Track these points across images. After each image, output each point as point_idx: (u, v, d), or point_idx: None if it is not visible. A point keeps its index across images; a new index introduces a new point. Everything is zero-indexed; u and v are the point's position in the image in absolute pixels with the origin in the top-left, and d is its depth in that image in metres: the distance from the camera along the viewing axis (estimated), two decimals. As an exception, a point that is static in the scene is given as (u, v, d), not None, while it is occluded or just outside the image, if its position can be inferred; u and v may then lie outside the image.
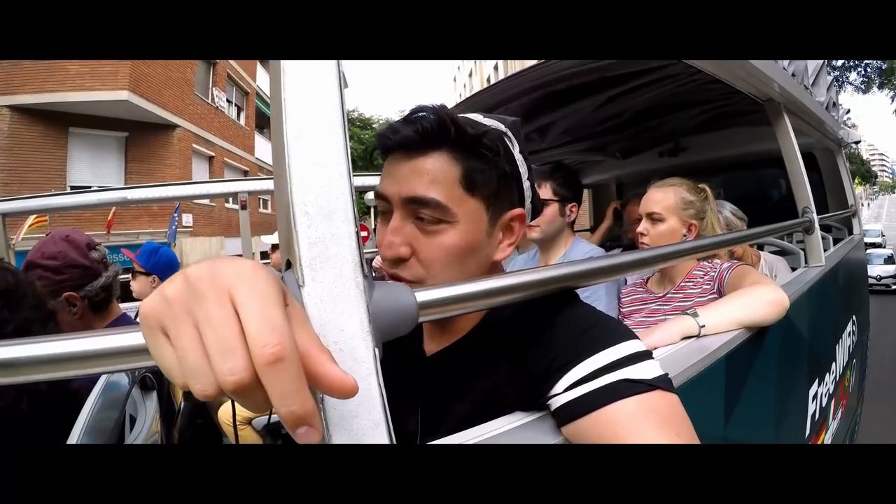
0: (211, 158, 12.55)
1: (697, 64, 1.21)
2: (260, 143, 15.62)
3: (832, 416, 1.56)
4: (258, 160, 15.25)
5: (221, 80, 13.49)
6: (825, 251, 1.62)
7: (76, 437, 0.76)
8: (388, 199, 0.59)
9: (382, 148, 0.62)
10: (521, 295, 0.53)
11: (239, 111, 14.97)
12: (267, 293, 0.28)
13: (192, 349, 0.27)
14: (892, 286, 15.82)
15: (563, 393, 0.49)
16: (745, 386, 0.90)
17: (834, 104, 2.61)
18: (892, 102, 13.58)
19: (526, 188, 0.65)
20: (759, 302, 0.96)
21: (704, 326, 0.88)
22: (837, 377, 1.63)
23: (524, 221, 0.64)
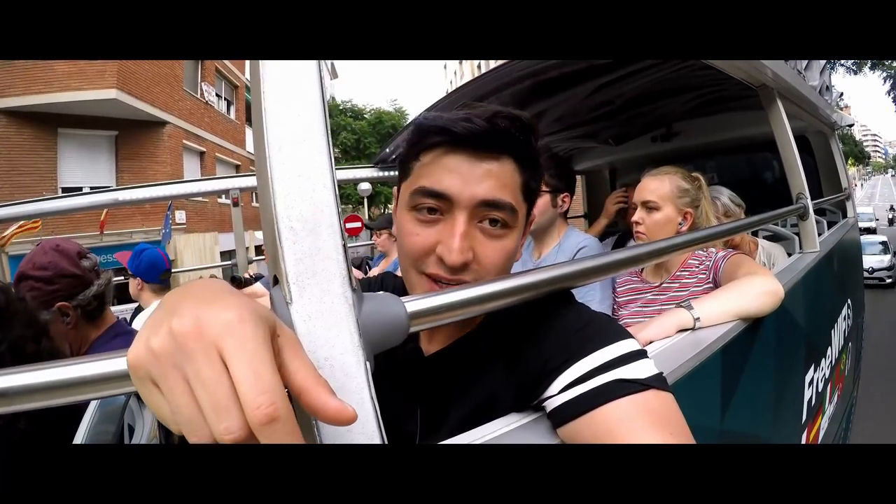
0: (202, 154, 12.43)
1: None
2: (251, 136, 15.33)
3: (828, 400, 1.58)
4: (249, 154, 15.05)
5: (210, 74, 13.32)
6: (819, 235, 1.62)
7: None
8: (451, 198, 0.55)
9: (446, 136, 0.56)
10: (513, 300, 0.52)
11: (229, 105, 14.80)
12: (255, 347, 0.28)
13: (184, 405, 0.27)
14: (886, 279, 12.77)
15: (558, 394, 0.49)
16: (741, 377, 0.90)
17: (827, 87, 2.61)
18: (884, 83, 13.56)
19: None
20: (754, 293, 0.96)
21: (699, 319, 0.88)
22: (833, 361, 1.64)
23: (533, 219, 0.65)
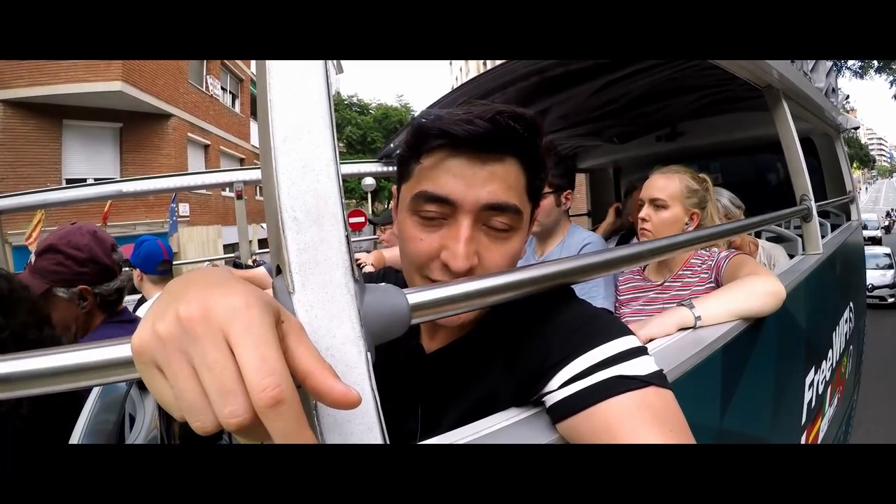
0: (206, 147, 12.45)
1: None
2: (255, 130, 15.36)
3: (828, 402, 1.57)
4: (254, 147, 15.08)
5: (215, 68, 13.32)
6: (823, 237, 1.61)
7: (76, 439, 0.76)
8: (454, 203, 0.54)
9: (446, 139, 0.54)
10: (515, 294, 0.53)
11: (234, 98, 14.82)
12: (261, 332, 0.28)
13: (189, 389, 0.27)
14: (888, 298, 10.68)
15: (558, 390, 0.49)
16: (741, 377, 0.90)
17: (833, 90, 2.60)
18: (891, 87, 13.41)
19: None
20: (755, 293, 0.96)
21: (701, 318, 0.88)
22: (834, 364, 1.63)
23: (536, 217, 0.65)
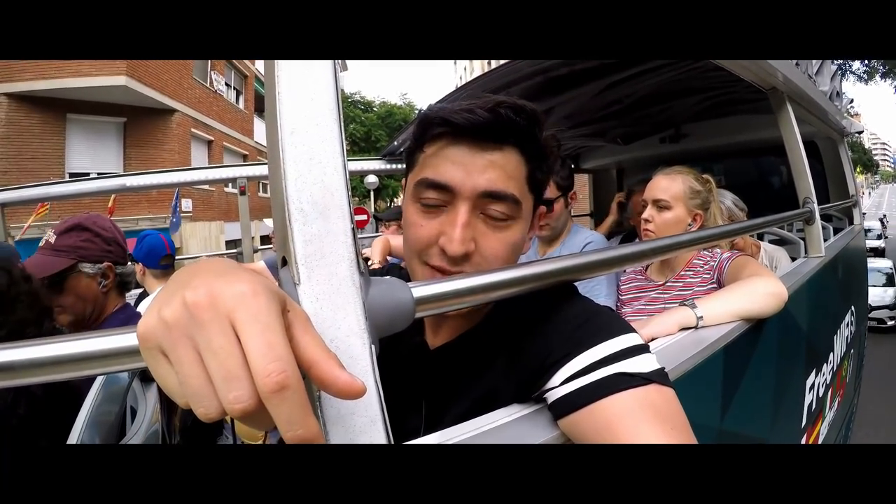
0: (210, 143, 12.45)
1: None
2: (259, 126, 15.39)
3: (829, 406, 1.57)
4: (257, 144, 15.10)
5: (220, 64, 13.32)
6: (825, 241, 1.61)
7: (78, 430, 0.76)
8: (453, 190, 0.55)
9: (447, 127, 0.56)
10: (519, 289, 0.53)
11: (238, 94, 14.82)
12: (268, 318, 0.28)
13: (194, 375, 0.27)
14: (887, 321, 9.55)
15: (559, 386, 0.50)
16: (742, 378, 0.90)
17: (837, 93, 2.59)
18: (895, 92, 13.39)
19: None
20: (757, 294, 0.96)
21: (702, 318, 0.88)
22: (835, 367, 1.63)
23: (543, 217, 0.65)
